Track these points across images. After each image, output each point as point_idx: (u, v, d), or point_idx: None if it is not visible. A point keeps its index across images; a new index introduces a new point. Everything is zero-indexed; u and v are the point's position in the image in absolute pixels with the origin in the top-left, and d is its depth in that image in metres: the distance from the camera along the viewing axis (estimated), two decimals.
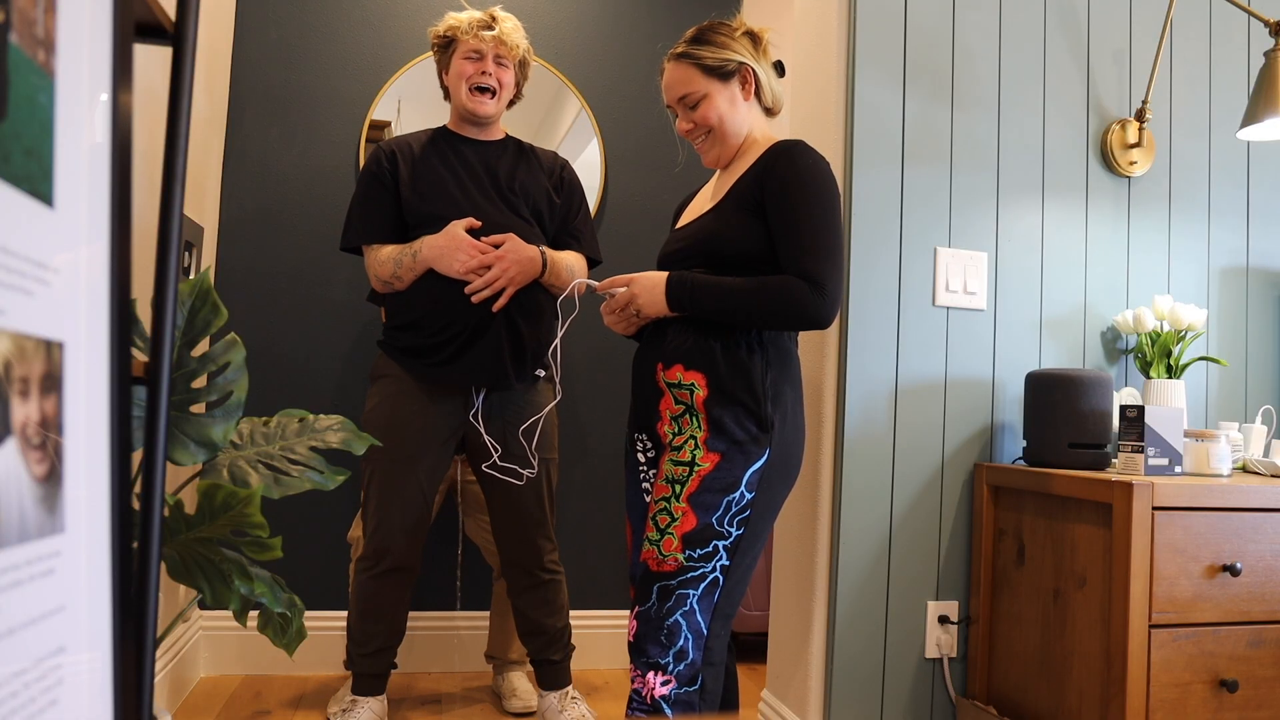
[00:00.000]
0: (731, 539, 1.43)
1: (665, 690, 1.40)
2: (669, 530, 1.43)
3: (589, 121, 2.70)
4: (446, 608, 2.60)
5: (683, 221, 1.72)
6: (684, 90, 1.58)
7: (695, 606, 1.42)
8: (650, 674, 1.40)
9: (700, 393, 1.47)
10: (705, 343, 1.49)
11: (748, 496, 1.44)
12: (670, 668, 1.40)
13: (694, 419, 1.47)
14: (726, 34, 1.60)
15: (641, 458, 1.63)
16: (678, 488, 1.45)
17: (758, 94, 1.62)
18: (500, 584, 2.37)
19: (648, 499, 1.60)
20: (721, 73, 1.57)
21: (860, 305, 1.90)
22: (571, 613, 2.68)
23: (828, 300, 1.45)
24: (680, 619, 1.41)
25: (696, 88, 1.58)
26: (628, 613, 2.70)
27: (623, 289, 1.55)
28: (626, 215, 2.75)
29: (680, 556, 1.41)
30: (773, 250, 1.51)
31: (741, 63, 1.58)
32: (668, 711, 1.39)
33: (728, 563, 1.43)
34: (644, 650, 1.42)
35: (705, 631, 1.42)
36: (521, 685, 2.31)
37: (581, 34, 2.73)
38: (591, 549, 2.70)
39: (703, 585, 1.42)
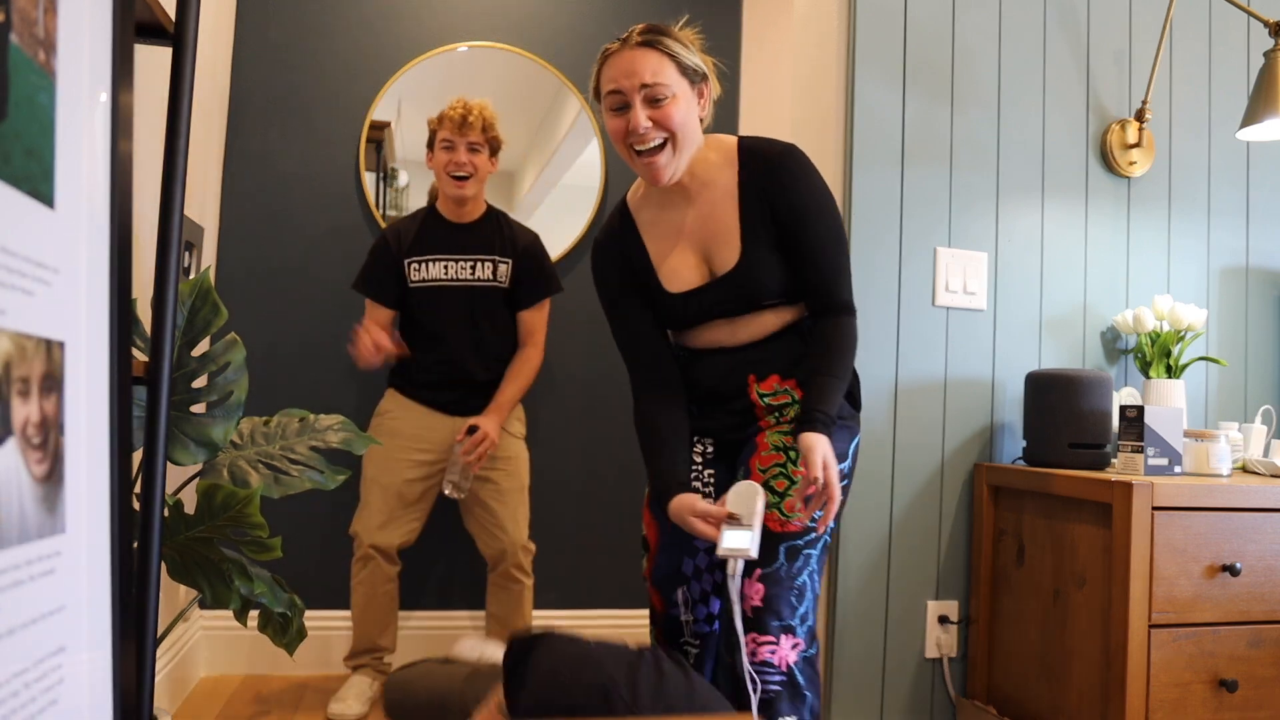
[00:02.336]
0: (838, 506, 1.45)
1: (796, 655, 1.36)
2: (789, 494, 1.41)
3: (589, 121, 2.70)
4: (445, 607, 2.61)
5: (689, 271, 1.51)
6: (653, 78, 1.38)
7: (816, 567, 1.41)
8: (783, 638, 1.36)
9: (798, 391, 1.48)
10: (794, 351, 1.50)
11: (848, 466, 1.47)
12: (797, 630, 1.37)
13: (794, 401, 1.48)
14: (690, 40, 1.47)
15: (698, 458, 1.58)
16: (793, 453, 1.43)
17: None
18: (494, 577, 2.38)
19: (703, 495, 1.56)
20: (693, 75, 1.44)
21: (860, 305, 1.90)
22: (572, 612, 2.69)
23: (853, 314, 1.49)
24: (808, 579, 1.39)
25: (666, 80, 1.39)
26: (630, 611, 2.70)
27: (819, 477, 1.34)
28: None
29: (804, 518, 1.39)
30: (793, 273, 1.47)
31: (705, 73, 1.46)
32: (801, 680, 1.36)
33: (834, 526, 1.45)
34: (776, 612, 1.36)
35: (818, 593, 1.43)
36: None
37: (581, 34, 2.74)
38: (593, 549, 2.70)
39: (819, 546, 1.42)
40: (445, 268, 2.28)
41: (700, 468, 1.58)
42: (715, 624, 1.54)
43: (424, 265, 2.28)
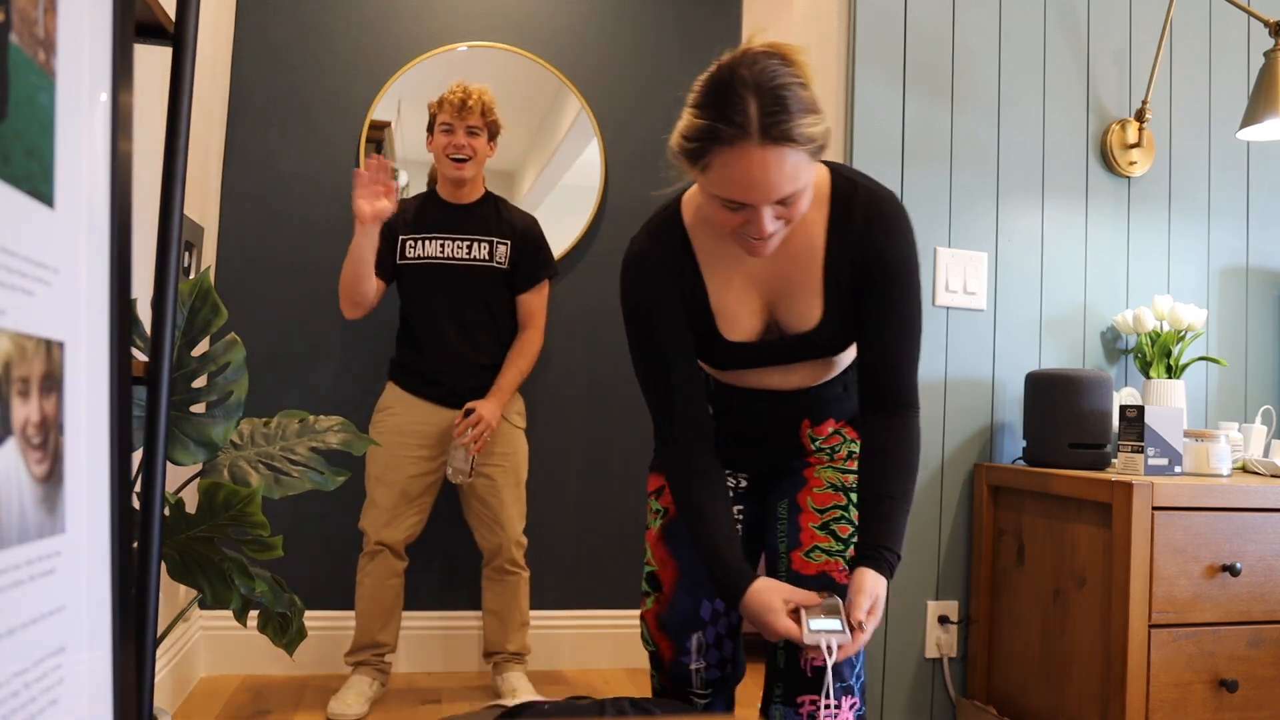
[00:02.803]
0: None
1: (852, 716, 1.27)
2: (853, 540, 1.29)
3: (589, 122, 2.70)
4: (447, 606, 2.60)
5: (751, 319, 1.29)
6: (792, 187, 1.08)
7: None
8: (844, 699, 1.26)
9: (849, 430, 1.40)
10: (851, 390, 1.39)
11: None
12: (854, 689, 1.27)
13: (846, 440, 1.39)
14: (804, 76, 1.10)
15: (730, 493, 1.42)
16: (853, 495, 1.32)
17: None
18: (488, 570, 2.39)
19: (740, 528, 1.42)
20: (820, 151, 1.12)
21: None
22: (572, 612, 2.69)
23: (917, 410, 1.29)
24: None
25: (802, 182, 1.10)
26: (629, 611, 2.70)
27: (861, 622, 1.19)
28: (626, 216, 2.75)
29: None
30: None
31: (828, 134, 1.13)
32: None
33: None
34: (839, 674, 1.25)
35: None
36: (521, 685, 2.31)
37: (581, 34, 2.73)
38: (593, 548, 2.70)
39: None
40: (441, 246, 2.30)
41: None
42: (728, 668, 1.41)
43: (420, 243, 2.30)
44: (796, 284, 1.25)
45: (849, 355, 1.37)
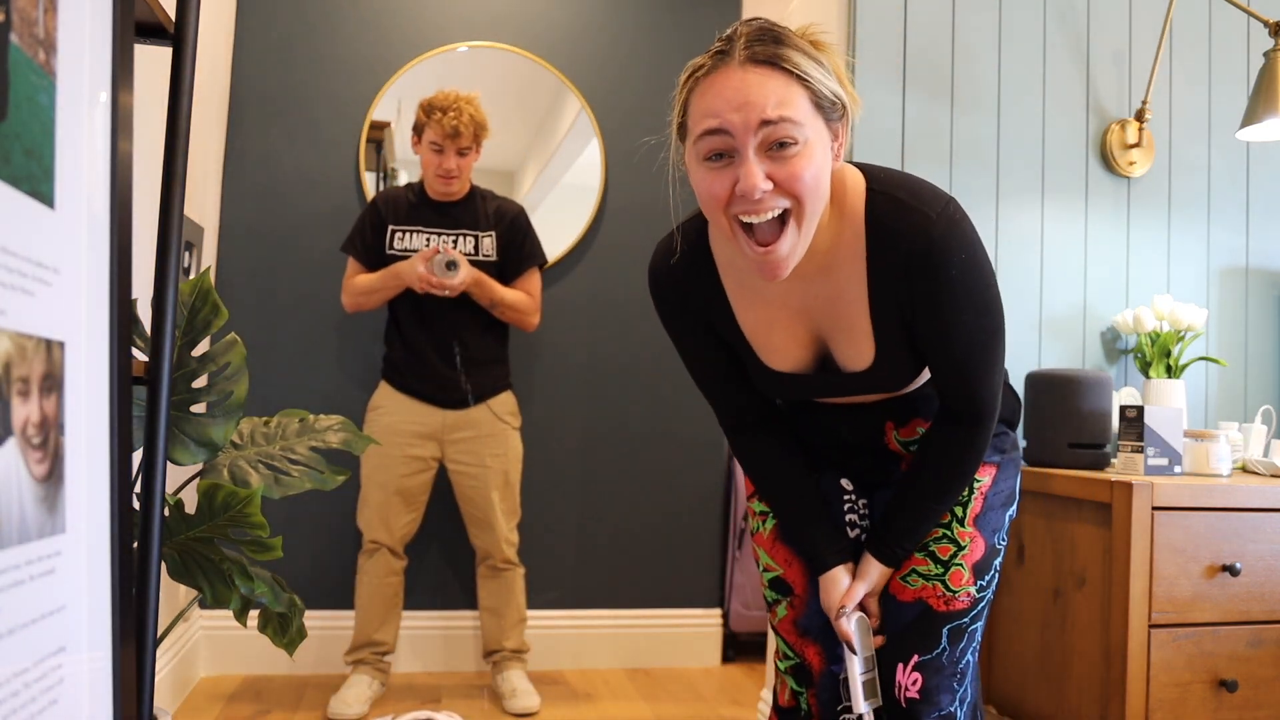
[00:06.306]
0: (1002, 554, 1.25)
1: None
2: (956, 561, 1.20)
3: (589, 122, 2.70)
4: (447, 606, 2.60)
5: (799, 350, 1.18)
6: (778, 111, 0.94)
7: (978, 640, 1.23)
8: None
9: None
10: (935, 394, 1.28)
11: (1014, 508, 1.27)
12: (957, 715, 1.19)
13: None
14: (821, 48, 1.03)
15: (848, 485, 1.32)
16: (959, 510, 1.22)
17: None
18: (482, 568, 2.39)
19: (854, 533, 1.29)
20: (830, 110, 1.00)
21: None
22: (571, 612, 2.69)
23: (991, 421, 1.18)
24: (970, 657, 1.21)
25: (796, 117, 0.95)
26: (631, 611, 2.70)
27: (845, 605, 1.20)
28: (626, 216, 2.75)
29: (972, 590, 1.19)
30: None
31: (847, 105, 1.03)
32: None
33: (998, 579, 1.25)
34: (935, 702, 1.17)
35: (978, 654, 1.25)
36: (521, 685, 2.31)
37: (581, 34, 2.73)
38: (593, 548, 2.70)
39: (985, 614, 1.22)
40: (427, 241, 2.33)
41: (853, 497, 1.31)
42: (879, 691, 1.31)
43: (407, 235, 2.33)
44: (843, 322, 1.13)
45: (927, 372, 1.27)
